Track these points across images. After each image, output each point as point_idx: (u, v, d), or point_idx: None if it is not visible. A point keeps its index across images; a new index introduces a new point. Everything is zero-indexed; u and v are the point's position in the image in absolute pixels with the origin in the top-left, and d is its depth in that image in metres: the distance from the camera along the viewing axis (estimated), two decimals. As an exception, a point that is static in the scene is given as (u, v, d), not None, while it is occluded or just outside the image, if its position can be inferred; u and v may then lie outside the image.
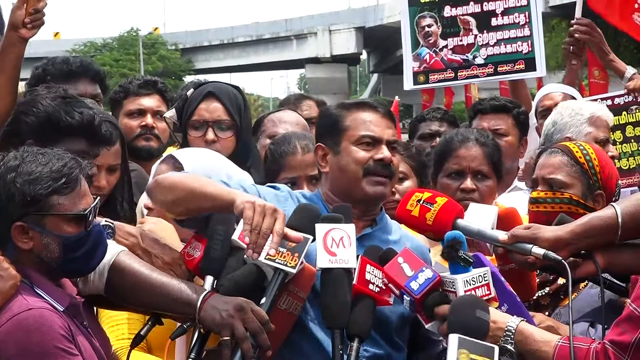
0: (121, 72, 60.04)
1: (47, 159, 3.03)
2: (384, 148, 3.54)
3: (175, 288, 3.14)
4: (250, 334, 3.00)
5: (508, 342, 2.97)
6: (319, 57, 62.88)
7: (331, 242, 3.16)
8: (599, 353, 2.88)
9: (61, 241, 3.01)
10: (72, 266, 3.05)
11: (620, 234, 3.13)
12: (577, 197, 3.62)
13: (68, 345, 2.90)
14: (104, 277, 3.19)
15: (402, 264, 3.12)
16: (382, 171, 3.53)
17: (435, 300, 3.08)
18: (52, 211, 2.99)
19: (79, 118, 3.67)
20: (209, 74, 66.93)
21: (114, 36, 68.00)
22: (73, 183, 3.02)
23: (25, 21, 4.18)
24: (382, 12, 57.26)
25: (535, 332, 3.01)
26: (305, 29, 64.81)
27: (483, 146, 4.26)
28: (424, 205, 3.29)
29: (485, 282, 3.07)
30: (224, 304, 3.05)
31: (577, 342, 2.94)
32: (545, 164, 3.74)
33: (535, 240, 3.14)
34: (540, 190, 3.69)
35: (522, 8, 6.18)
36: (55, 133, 3.62)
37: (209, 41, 69.11)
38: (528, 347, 2.98)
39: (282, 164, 4.30)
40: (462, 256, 3.04)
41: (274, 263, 3.11)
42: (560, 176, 3.67)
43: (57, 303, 2.99)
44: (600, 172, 3.69)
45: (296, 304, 3.24)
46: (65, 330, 2.92)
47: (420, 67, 6.35)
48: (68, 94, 3.80)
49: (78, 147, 3.62)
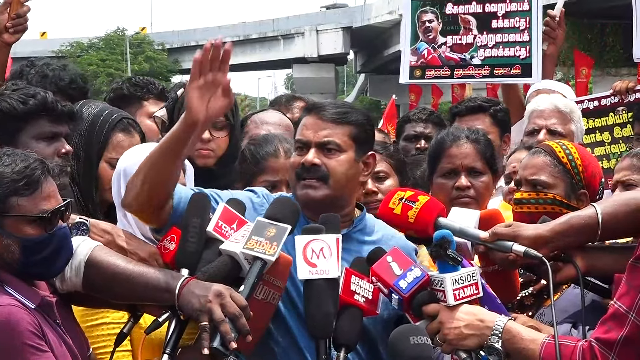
0: (107, 72, 59.91)
1: (11, 159, 3.02)
2: (311, 151, 3.53)
3: (153, 277, 3.14)
4: (229, 319, 3.01)
5: (496, 340, 2.98)
6: (306, 57, 62.81)
7: (311, 254, 3.17)
8: (585, 351, 2.89)
9: (21, 243, 2.99)
10: (34, 269, 3.03)
11: (600, 233, 3.13)
12: (561, 197, 3.63)
13: (37, 342, 2.89)
14: (80, 273, 3.18)
15: (390, 263, 3.13)
16: (307, 175, 3.52)
17: (424, 299, 3.09)
18: (10, 212, 2.97)
19: (33, 102, 3.67)
20: (196, 73, 66.83)
21: (100, 36, 67.76)
22: (34, 184, 3.00)
23: (8, 26, 4.17)
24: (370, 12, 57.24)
25: (522, 330, 3.02)
26: (293, 29, 64.73)
27: (474, 143, 4.27)
28: (406, 203, 3.30)
29: (474, 281, 3.08)
30: (203, 290, 3.06)
31: (564, 339, 2.95)
32: (528, 164, 3.75)
33: (516, 237, 3.15)
34: (524, 191, 3.69)
35: (523, 13, 6.20)
36: (15, 122, 3.63)
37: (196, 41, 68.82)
38: (515, 346, 2.98)
39: (264, 166, 4.25)
40: (451, 255, 3.04)
41: (252, 252, 3.14)
42: (544, 177, 3.68)
43: (28, 301, 2.98)
44: (583, 171, 3.69)
45: (273, 293, 3.26)
46: (35, 327, 2.91)
47: (417, 61, 6.35)
48: (18, 85, 3.80)
49: (43, 130, 3.65)
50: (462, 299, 3.06)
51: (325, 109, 3.59)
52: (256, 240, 3.14)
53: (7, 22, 4.18)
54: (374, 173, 4.46)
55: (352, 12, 63.45)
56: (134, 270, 3.17)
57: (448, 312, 3.05)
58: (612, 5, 30.99)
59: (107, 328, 3.50)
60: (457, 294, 3.05)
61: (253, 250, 3.14)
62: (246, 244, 3.15)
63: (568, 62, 14.21)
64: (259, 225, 3.20)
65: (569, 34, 30.93)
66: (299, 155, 3.57)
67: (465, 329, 3.02)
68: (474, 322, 3.03)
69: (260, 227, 3.19)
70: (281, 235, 3.17)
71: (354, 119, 3.58)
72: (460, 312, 3.05)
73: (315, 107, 3.63)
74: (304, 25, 64.40)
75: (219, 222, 3.27)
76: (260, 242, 3.14)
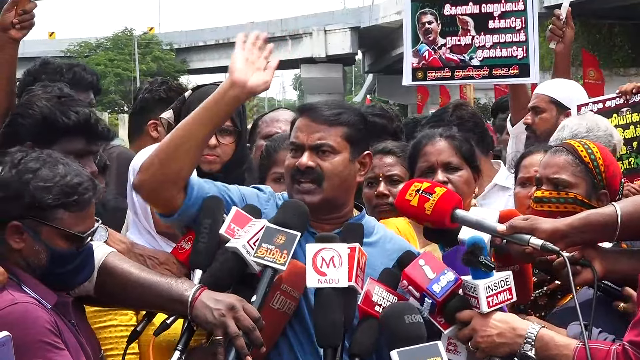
0: (115, 72, 60.00)
1: (66, 171, 3.03)
2: (305, 154, 3.51)
3: (165, 287, 3.13)
4: (242, 332, 3.01)
5: (529, 349, 2.98)
6: (314, 57, 62.77)
7: (321, 262, 3.15)
8: (619, 354, 2.89)
9: (50, 253, 3.01)
10: (55, 279, 3.05)
11: (618, 233, 3.13)
12: (582, 196, 3.62)
13: (54, 339, 2.90)
14: (93, 278, 3.18)
15: (423, 266, 3.11)
16: (301, 177, 3.51)
17: (457, 304, 3.08)
18: (52, 223, 3.00)
19: (75, 118, 3.67)
20: (203, 74, 66.95)
21: (108, 36, 67.85)
22: (83, 204, 3.03)
23: (14, 22, 4.19)
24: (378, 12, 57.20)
25: (555, 336, 3.02)
26: (301, 29, 64.72)
27: (449, 139, 4.27)
28: (423, 195, 3.28)
29: (508, 286, 3.07)
30: (216, 302, 3.06)
31: (597, 344, 2.96)
32: (550, 163, 3.73)
33: (533, 231, 3.13)
34: (545, 189, 3.67)
35: (518, 13, 6.22)
36: (53, 134, 3.63)
37: (204, 41, 68.96)
38: (548, 352, 2.98)
39: (275, 158, 4.32)
40: (483, 262, 3.03)
41: (263, 261, 3.13)
42: (565, 176, 3.66)
43: (44, 300, 2.98)
44: (604, 171, 3.68)
45: (289, 303, 3.27)
46: (52, 325, 2.92)
47: (419, 63, 6.37)
48: (64, 92, 3.81)
49: (77, 147, 3.64)
50: (496, 306, 3.05)
51: (317, 110, 3.57)
52: (266, 249, 3.13)
53: (14, 18, 4.20)
54: (388, 175, 4.46)
55: (360, 12, 63.41)
56: (146, 279, 3.16)
57: (481, 319, 3.04)
58: (620, 5, 30.94)
59: (115, 330, 3.51)
60: (490, 300, 3.04)
61: (264, 259, 3.13)
62: (256, 252, 3.14)
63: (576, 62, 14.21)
64: (268, 232, 3.19)
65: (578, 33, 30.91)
66: (293, 157, 3.56)
67: (497, 337, 3.02)
68: (507, 331, 3.02)
69: (270, 234, 3.18)
70: (291, 242, 3.16)
71: (347, 120, 3.55)
72: (493, 319, 3.04)
73: (308, 109, 3.62)
74: (312, 26, 64.37)
75: (231, 224, 3.28)
76: (270, 250, 3.14)
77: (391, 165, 4.49)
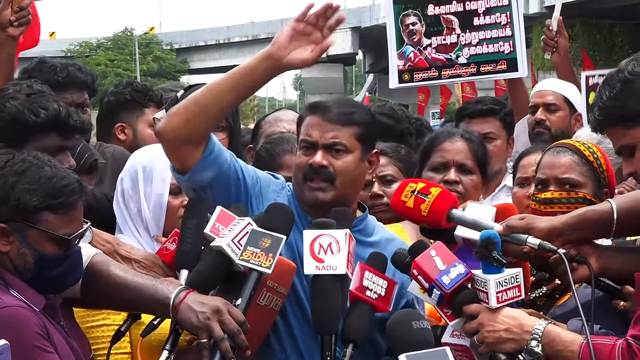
0: (116, 72, 60.01)
1: (52, 173, 3.01)
2: (319, 152, 3.50)
3: (150, 289, 3.11)
4: (227, 335, 2.99)
5: (535, 345, 2.98)
6: (315, 57, 62.82)
7: (319, 249, 3.15)
8: (624, 349, 2.89)
9: (37, 256, 2.99)
10: (44, 282, 3.03)
11: (614, 229, 3.12)
12: (590, 196, 3.60)
13: (43, 342, 2.88)
14: (79, 281, 3.16)
15: (434, 257, 3.09)
16: (314, 176, 3.50)
17: (467, 297, 3.07)
18: (38, 225, 2.98)
19: (44, 115, 3.63)
20: (204, 74, 66.98)
21: (108, 36, 67.87)
22: (69, 206, 3.01)
23: (12, 19, 4.19)
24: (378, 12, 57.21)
25: (561, 332, 3.02)
26: (301, 29, 64.76)
27: (468, 141, 4.28)
28: (419, 196, 3.27)
29: (517, 283, 3.06)
30: (201, 305, 3.03)
31: (602, 339, 2.96)
32: (556, 163, 3.69)
33: (530, 230, 3.13)
34: (554, 190, 3.65)
35: (503, 8, 6.20)
36: (23, 133, 3.59)
37: (205, 41, 69.02)
38: (555, 348, 2.98)
39: (280, 162, 4.30)
40: (496, 257, 3.01)
41: (248, 264, 3.11)
42: (574, 175, 3.64)
43: (32, 304, 2.97)
44: (606, 169, 3.68)
45: (276, 299, 3.25)
46: (41, 328, 2.90)
47: (405, 65, 6.34)
48: (33, 89, 3.75)
49: (50, 143, 3.61)
50: (505, 302, 3.04)
51: (330, 108, 3.55)
52: (251, 252, 3.11)
53: (10, 16, 4.20)
54: (381, 176, 4.45)
55: (361, 12, 63.46)
56: (131, 281, 3.14)
57: (489, 314, 3.04)
58: (620, 5, 30.93)
59: (107, 329, 3.48)
60: (499, 296, 3.03)
61: (249, 262, 3.11)
62: (242, 255, 3.12)
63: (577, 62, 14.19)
64: (253, 236, 3.16)
65: (578, 33, 30.91)
66: (305, 155, 3.54)
67: (504, 333, 3.01)
68: (514, 327, 3.02)
69: (255, 237, 3.16)
70: (276, 246, 3.14)
71: (360, 119, 3.56)
72: (501, 315, 3.03)
73: (320, 107, 3.60)
74: (312, 26, 64.41)
75: (215, 223, 3.26)
76: (255, 254, 3.12)
77: (383, 165, 4.47)
